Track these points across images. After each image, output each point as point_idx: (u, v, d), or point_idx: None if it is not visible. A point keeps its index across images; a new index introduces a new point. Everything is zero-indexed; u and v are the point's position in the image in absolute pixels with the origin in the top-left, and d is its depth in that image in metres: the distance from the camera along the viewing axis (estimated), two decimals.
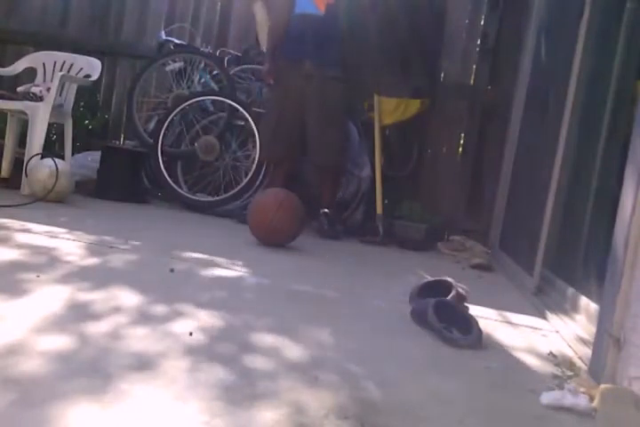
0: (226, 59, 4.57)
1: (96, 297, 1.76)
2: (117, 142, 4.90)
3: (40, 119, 3.67)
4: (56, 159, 3.54)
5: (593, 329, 1.78)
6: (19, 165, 3.83)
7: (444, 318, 1.90)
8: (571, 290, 2.40)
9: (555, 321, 2.26)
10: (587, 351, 1.78)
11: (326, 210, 3.85)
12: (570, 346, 1.96)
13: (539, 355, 1.85)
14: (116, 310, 1.67)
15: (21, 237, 2.40)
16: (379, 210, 3.96)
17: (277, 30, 3.87)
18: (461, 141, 4.62)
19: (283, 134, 3.82)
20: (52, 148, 4.34)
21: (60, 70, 4.07)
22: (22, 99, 3.86)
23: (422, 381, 1.48)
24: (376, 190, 4.01)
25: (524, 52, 4.11)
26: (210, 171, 4.33)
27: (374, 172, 4.06)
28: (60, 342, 1.38)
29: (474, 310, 2.23)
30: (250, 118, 4.11)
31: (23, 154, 3.72)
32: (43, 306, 1.61)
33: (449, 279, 2.38)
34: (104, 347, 1.38)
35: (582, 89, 2.70)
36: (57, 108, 3.83)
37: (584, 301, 2.18)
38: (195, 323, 1.65)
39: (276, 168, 3.96)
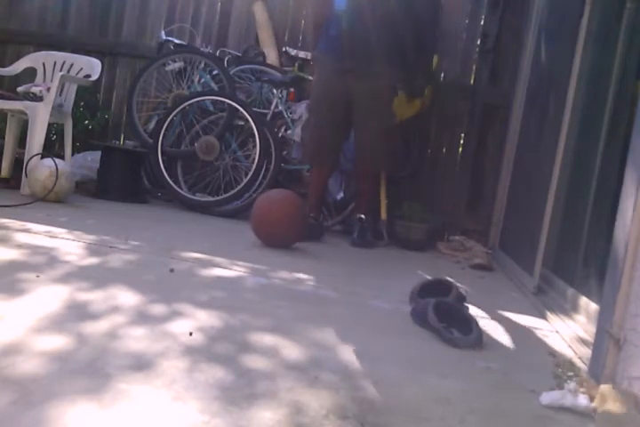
0: (226, 59, 4.58)
1: (95, 297, 1.76)
2: (117, 142, 4.91)
3: (40, 119, 3.67)
4: (56, 159, 3.54)
5: (593, 329, 1.78)
6: (19, 165, 3.84)
7: (444, 318, 1.90)
8: (571, 290, 2.40)
9: (555, 321, 2.26)
10: (587, 351, 1.78)
11: (362, 216, 3.80)
12: (570, 346, 1.96)
13: (539, 355, 1.84)
14: (116, 309, 1.67)
15: (21, 237, 2.39)
16: (383, 215, 3.94)
17: (323, 19, 3.72)
18: (461, 141, 4.62)
19: (332, 133, 3.70)
20: (51, 148, 4.35)
21: (60, 70, 4.07)
22: (22, 99, 3.87)
23: (422, 381, 1.48)
24: (380, 194, 3.99)
25: (524, 52, 4.11)
26: (210, 171, 4.33)
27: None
28: (59, 341, 1.38)
29: (474, 310, 2.23)
30: (250, 118, 4.11)
31: (23, 154, 3.73)
32: (42, 306, 1.61)
33: (449, 279, 2.38)
34: (103, 347, 1.38)
35: (582, 89, 2.70)
36: (57, 108, 3.83)
37: (584, 301, 2.18)
38: (194, 323, 1.65)
39: (319, 170, 3.80)
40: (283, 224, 3.05)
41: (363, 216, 3.80)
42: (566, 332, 2.09)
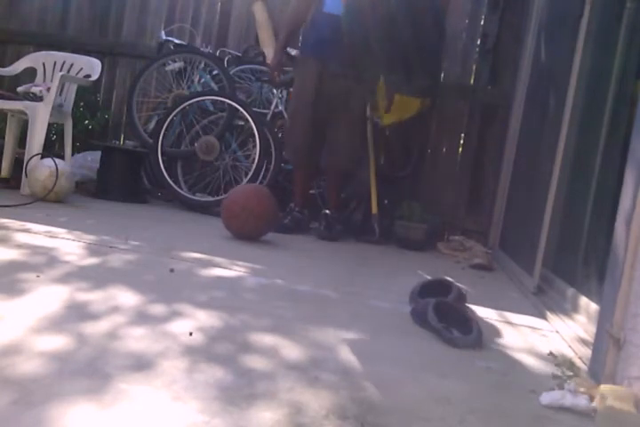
0: (226, 59, 4.58)
1: (95, 297, 1.76)
2: (117, 142, 4.91)
3: (40, 119, 3.67)
4: (56, 159, 3.54)
5: (593, 329, 1.78)
6: (19, 165, 3.84)
7: (444, 318, 1.90)
8: (571, 290, 2.40)
9: (555, 321, 2.26)
10: (587, 351, 1.78)
11: (327, 211, 3.86)
12: (570, 346, 1.96)
13: (539, 355, 1.84)
14: (116, 310, 1.67)
15: (21, 237, 2.39)
16: (374, 210, 3.97)
17: (295, 26, 3.83)
18: (461, 141, 4.62)
19: (313, 136, 3.74)
20: (51, 148, 4.35)
21: (60, 70, 4.07)
22: (22, 99, 3.86)
23: (422, 381, 1.48)
24: (371, 190, 4.02)
25: (523, 52, 4.11)
26: (210, 171, 4.33)
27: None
28: (59, 341, 1.38)
29: (474, 310, 2.23)
30: (250, 118, 4.11)
31: (23, 154, 3.72)
32: (42, 306, 1.61)
33: (449, 279, 2.38)
34: (103, 347, 1.38)
35: (582, 89, 2.70)
36: (57, 108, 3.83)
37: (584, 301, 2.18)
38: (194, 323, 1.65)
39: (301, 172, 3.92)
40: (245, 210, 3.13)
41: (328, 212, 3.86)
42: (566, 332, 2.09)
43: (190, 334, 1.54)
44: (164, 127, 4.24)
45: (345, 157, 3.80)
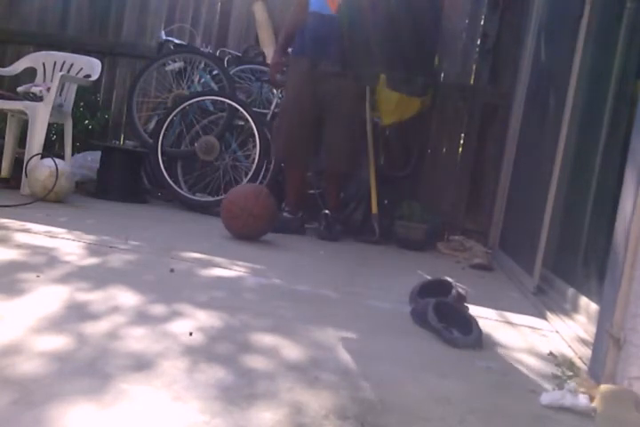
0: (226, 59, 4.58)
1: (95, 297, 1.76)
2: (117, 142, 4.91)
3: (40, 119, 3.67)
4: (56, 159, 3.54)
5: (593, 329, 1.78)
6: (19, 165, 3.84)
7: (444, 318, 1.90)
8: (571, 290, 2.40)
9: (555, 321, 2.26)
10: (587, 351, 1.78)
11: (327, 211, 3.86)
12: (570, 346, 1.96)
13: (539, 355, 1.85)
14: (116, 310, 1.67)
15: (21, 237, 2.39)
16: (374, 209, 3.97)
17: (293, 27, 3.83)
18: (461, 141, 4.62)
19: (300, 135, 3.74)
20: (51, 148, 4.34)
21: (60, 70, 4.07)
22: (22, 99, 3.86)
23: (422, 381, 1.48)
24: (371, 190, 4.02)
25: (524, 53, 4.11)
26: (210, 171, 4.33)
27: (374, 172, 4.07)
28: (60, 342, 1.38)
29: (474, 310, 2.23)
30: (250, 118, 4.11)
31: (23, 154, 3.72)
32: (42, 306, 1.61)
33: (449, 279, 2.38)
34: (103, 347, 1.38)
35: (582, 89, 2.70)
36: (57, 108, 3.83)
37: (584, 301, 2.18)
38: (194, 323, 1.65)
39: (292, 172, 3.93)
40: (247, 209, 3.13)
41: (328, 212, 3.85)
42: (566, 332, 2.09)
43: (190, 334, 1.54)
44: (164, 127, 4.24)
45: (343, 159, 3.79)
